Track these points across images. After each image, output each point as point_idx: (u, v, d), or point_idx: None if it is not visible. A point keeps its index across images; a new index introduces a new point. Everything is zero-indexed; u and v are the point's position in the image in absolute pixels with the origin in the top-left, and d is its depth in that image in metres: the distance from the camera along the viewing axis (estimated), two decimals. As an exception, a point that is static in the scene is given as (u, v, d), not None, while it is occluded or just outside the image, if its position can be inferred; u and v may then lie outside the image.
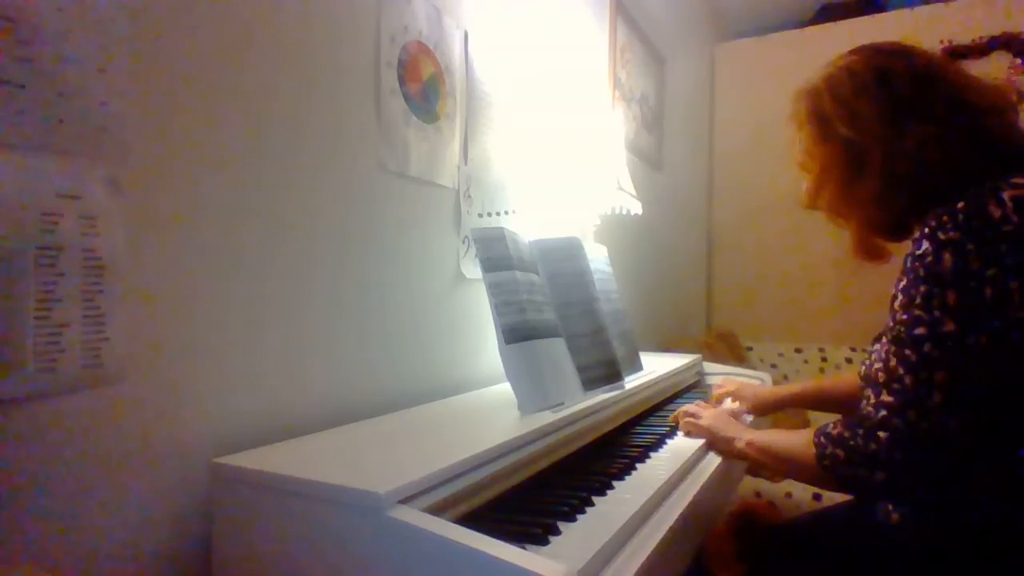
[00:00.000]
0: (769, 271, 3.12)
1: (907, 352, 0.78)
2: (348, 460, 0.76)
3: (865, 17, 2.92)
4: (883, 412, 0.78)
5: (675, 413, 1.21)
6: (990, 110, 0.85)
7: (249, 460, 0.73)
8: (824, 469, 0.84)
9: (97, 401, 0.69)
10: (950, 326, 0.76)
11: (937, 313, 0.76)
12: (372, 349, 1.07)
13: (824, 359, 2.91)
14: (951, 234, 0.77)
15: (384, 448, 0.82)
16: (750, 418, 1.32)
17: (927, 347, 0.77)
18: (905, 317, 0.79)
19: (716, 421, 1.12)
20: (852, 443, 0.80)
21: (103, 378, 0.69)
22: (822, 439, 0.85)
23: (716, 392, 1.43)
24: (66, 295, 0.65)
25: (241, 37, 0.85)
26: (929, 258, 0.78)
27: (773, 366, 2.98)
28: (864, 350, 2.88)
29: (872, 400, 0.81)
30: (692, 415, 1.16)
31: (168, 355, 0.76)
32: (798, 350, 2.97)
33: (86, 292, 0.67)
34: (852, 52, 0.95)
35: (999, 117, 0.85)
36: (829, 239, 2.90)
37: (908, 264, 0.81)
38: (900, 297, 0.81)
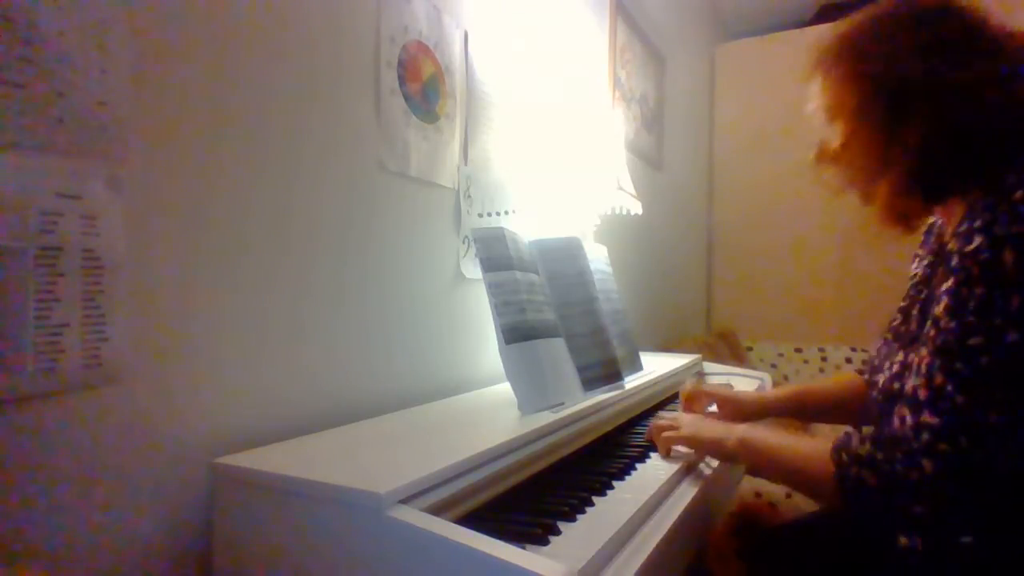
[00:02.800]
0: (769, 271, 3.12)
1: (958, 366, 0.67)
2: (348, 460, 0.76)
3: (858, 11, 2.92)
4: (926, 435, 0.67)
5: (648, 431, 1.06)
6: None
7: (249, 460, 0.73)
8: (844, 492, 0.72)
9: (97, 401, 0.69)
10: (1013, 336, 0.65)
11: (998, 320, 0.66)
12: (372, 349, 1.06)
13: (824, 359, 2.92)
14: (1012, 228, 0.67)
15: (384, 448, 0.82)
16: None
17: (984, 360, 0.66)
18: (954, 325, 0.68)
19: (695, 425, 0.99)
20: (887, 468, 0.68)
21: (103, 378, 0.69)
22: (844, 457, 0.73)
23: (686, 392, 1.22)
24: (66, 295, 0.65)
25: (241, 37, 0.85)
26: (984, 255, 0.68)
27: (773, 366, 2.98)
28: (864, 350, 2.88)
29: (910, 421, 0.69)
30: (667, 427, 1.01)
31: (168, 355, 0.76)
32: (798, 350, 2.98)
33: (86, 292, 0.67)
34: (887, 1, 0.86)
35: None
36: (830, 239, 2.92)
37: (955, 263, 0.71)
38: (945, 301, 0.70)
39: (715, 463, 1.05)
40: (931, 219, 0.94)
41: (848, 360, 2.87)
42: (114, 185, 0.70)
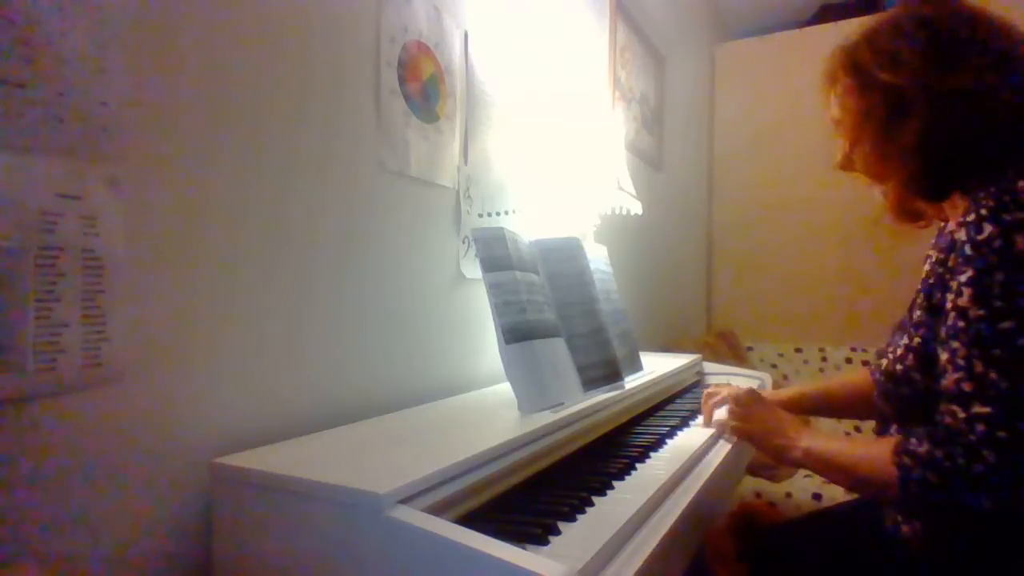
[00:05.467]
0: (769, 271, 3.12)
1: (996, 352, 0.69)
2: (348, 460, 0.76)
3: (865, 17, 2.92)
4: (981, 426, 0.68)
5: (709, 399, 1.17)
6: None
7: (249, 460, 0.73)
8: (910, 494, 0.73)
9: (97, 401, 0.69)
10: None
11: (1023, 302, 0.69)
12: (372, 349, 1.06)
13: (824, 359, 2.91)
14: (1019, 214, 0.71)
15: (384, 448, 0.82)
16: None
17: (1021, 341, 0.68)
18: (983, 312, 0.71)
19: (763, 424, 1.01)
20: (948, 464, 0.69)
21: (103, 378, 0.69)
22: (905, 459, 0.73)
23: (710, 400, 1.21)
24: (66, 295, 0.65)
25: (241, 37, 0.85)
26: (997, 242, 0.71)
27: (773, 366, 2.98)
28: (864, 350, 2.88)
29: (961, 415, 0.70)
30: (735, 416, 1.05)
31: (168, 355, 0.76)
32: (798, 350, 2.97)
33: (86, 292, 0.67)
34: (895, 7, 0.91)
35: None
36: (830, 239, 2.92)
37: (969, 252, 0.73)
38: (967, 291, 0.73)
39: (718, 459, 1.04)
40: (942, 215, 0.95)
41: (848, 360, 2.86)
42: (114, 185, 0.70)
